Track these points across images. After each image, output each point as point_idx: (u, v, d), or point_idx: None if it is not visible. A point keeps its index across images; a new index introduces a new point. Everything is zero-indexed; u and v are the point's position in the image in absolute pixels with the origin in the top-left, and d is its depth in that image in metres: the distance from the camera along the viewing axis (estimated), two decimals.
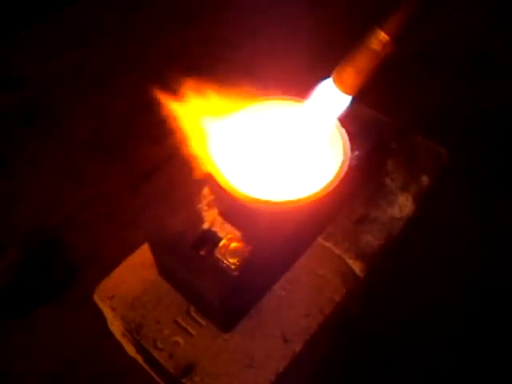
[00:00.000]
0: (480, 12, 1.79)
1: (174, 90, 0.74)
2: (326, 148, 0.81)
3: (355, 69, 0.69)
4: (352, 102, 0.73)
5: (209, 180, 0.74)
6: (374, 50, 0.67)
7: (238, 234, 0.71)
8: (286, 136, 0.81)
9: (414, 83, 1.55)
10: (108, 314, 0.81)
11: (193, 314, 0.76)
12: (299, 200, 0.72)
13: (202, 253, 0.72)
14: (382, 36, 0.67)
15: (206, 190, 0.77)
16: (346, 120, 0.82)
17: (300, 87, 0.82)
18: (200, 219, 0.74)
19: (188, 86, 0.75)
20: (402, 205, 0.89)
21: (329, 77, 0.71)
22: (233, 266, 0.67)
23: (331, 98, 0.71)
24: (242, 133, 0.81)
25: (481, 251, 1.15)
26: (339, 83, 0.70)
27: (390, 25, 0.67)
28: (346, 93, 0.71)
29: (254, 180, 0.77)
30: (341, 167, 0.75)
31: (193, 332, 0.74)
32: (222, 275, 0.68)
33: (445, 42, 1.69)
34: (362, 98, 1.07)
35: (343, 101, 0.72)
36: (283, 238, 0.73)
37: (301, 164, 0.80)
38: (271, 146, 0.81)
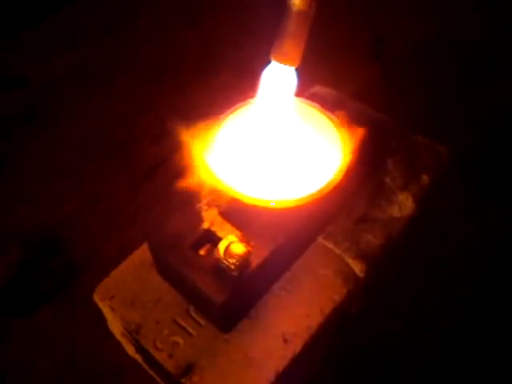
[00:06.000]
0: (480, 12, 1.79)
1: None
2: (326, 148, 0.81)
3: (292, 38, 0.65)
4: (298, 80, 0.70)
5: (209, 180, 0.74)
6: (302, 12, 0.64)
7: (237, 233, 0.71)
8: (283, 135, 0.81)
9: (413, 83, 1.55)
10: (108, 314, 0.81)
11: (192, 313, 0.75)
12: (299, 200, 0.72)
13: (202, 253, 0.72)
14: None
15: (205, 190, 0.77)
16: (346, 120, 0.82)
17: (300, 86, 0.82)
18: (200, 219, 0.74)
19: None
20: (402, 204, 0.89)
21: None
22: (232, 266, 0.67)
23: (280, 77, 0.69)
24: (240, 133, 0.81)
25: (481, 251, 1.15)
26: (282, 59, 0.67)
27: None
28: (292, 65, 0.68)
29: (254, 180, 0.77)
30: (340, 167, 0.75)
31: (192, 332, 0.74)
32: (221, 275, 0.68)
33: (445, 42, 1.69)
34: (363, 97, 1.07)
35: (291, 75, 0.70)
36: (283, 237, 0.73)
37: (300, 164, 0.80)
38: (270, 146, 0.81)
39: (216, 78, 1.56)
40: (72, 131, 1.48)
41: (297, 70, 0.70)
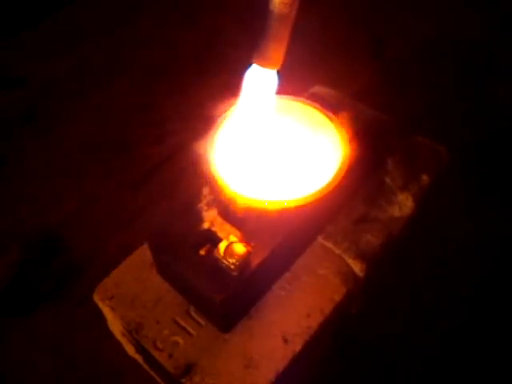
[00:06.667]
0: (480, 12, 1.79)
1: None
2: (326, 148, 0.81)
3: (273, 42, 0.65)
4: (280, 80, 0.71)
5: (209, 180, 0.74)
6: (283, 14, 0.63)
7: (237, 233, 0.71)
8: (283, 136, 0.81)
9: (414, 83, 1.55)
10: (108, 314, 0.81)
11: (193, 313, 0.75)
12: (299, 200, 0.72)
13: (202, 253, 0.72)
14: None
15: (205, 190, 0.77)
16: (347, 119, 0.82)
17: (300, 86, 0.82)
18: (200, 219, 0.74)
19: None
20: (402, 204, 0.89)
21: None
22: (232, 266, 0.67)
23: (262, 80, 0.69)
24: (241, 134, 0.81)
25: (481, 251, 1.15)
26: (264, 62, 0.67)
27: None
28: (273, 68, 0.68)
29: (255, 180, 0.77)
30: (340, 167, 0.75)
31: (192, 332, 0.74)
32: (221, 275, 0.68)
33: (445, 42, 1.69)
34: (363, 97, 1.07)
35: (272, 77, 0.70)
36: (283, 237, 0.73)
37: (300, 164, 0.80)
38: (271, 147, 0.81)
39: (216, 77, 1.56)
40: (72, 131, 1.48)
41: (278, 72, 0.70)
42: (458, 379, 0.98)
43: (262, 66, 0.68)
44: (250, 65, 0.69)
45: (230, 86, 0.72)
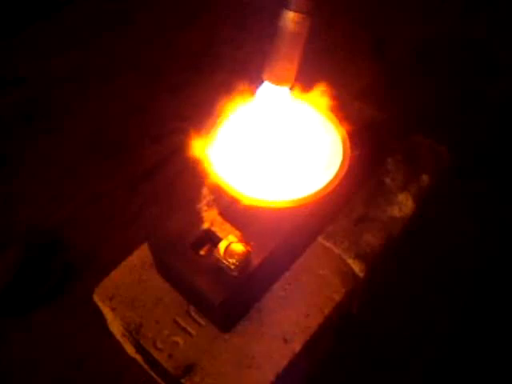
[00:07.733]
0: (481, 12, 1.79)
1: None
2: (326, 148, 0.81)
3: (285, 60, 0.65)
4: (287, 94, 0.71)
5: (208, 180, 0.75)
6: (295, 33, 0.62)
7: (237, 233, 0.71)
8: (283, 135, 0.81)
9: (414, 82, 1.55)
10: (108, 314, 0.81)
11: (193, 313, 0.76)
12: (299, 200, 0.72)
13: (202, 253, 0.72)
14: (293, 15, 0.61)
15: (205, 190, 0.77)
16: (346, 119, 0.82)
17: (301, 85, 0.82)
18: (200, 219, 0.74)
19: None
20: (402, 204, 0.89)
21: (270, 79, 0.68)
22: (232, 266, 0.67)
23: (273, 96, 0.69)
24: (240, 133, 0.81)
25: (481, 251, 1.15)
26: (276, 80, 0.67)
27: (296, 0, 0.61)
28: (285, 86, 0.68)
29: (255, 180, 0.77)
30: (340, 167, 0.75)
31: (192, 332, 0.74)
32: (221, 275, 0.68)
33: (445, 42, 1.69)
34: (363, 96, 1.07)
35: (284, 94, 0.70)
36: (283, 237, 0.73)
37: (300, 164, 0.80)
38: (271, 146, 0.81)
39: (215, 77, 1.56)
40: (72, 131, 1.48)
41: (291, 89, 0.70)
42: (458, 379, 0.98)
43: (273, 82, 0.67)
44: (261, 81, 0.69)
45: (228, 85, 0.72)
